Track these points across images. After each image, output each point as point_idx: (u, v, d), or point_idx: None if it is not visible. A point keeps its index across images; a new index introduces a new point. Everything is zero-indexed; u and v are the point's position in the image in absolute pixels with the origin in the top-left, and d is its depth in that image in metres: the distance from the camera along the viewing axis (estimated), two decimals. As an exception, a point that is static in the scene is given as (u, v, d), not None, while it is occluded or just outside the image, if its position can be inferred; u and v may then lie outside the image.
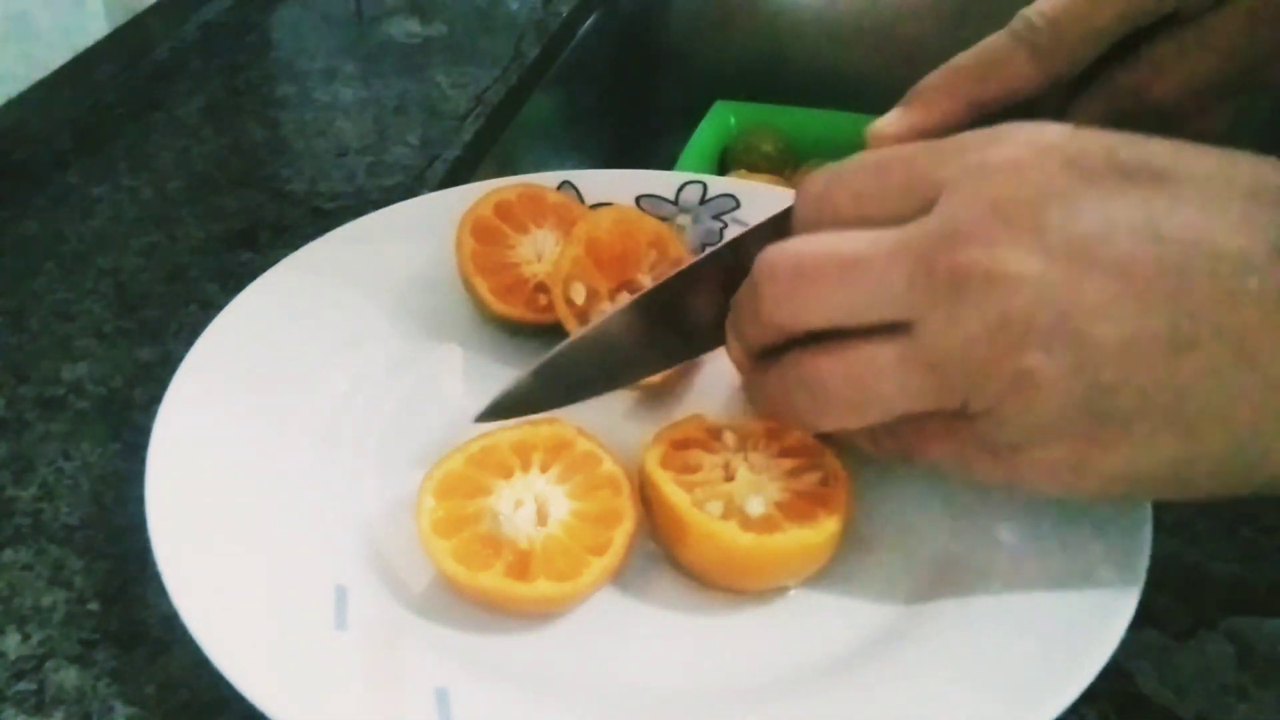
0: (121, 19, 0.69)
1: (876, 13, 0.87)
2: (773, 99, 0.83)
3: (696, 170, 0.77)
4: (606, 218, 0.47)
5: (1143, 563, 0.36)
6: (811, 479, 0.38)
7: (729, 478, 0.38)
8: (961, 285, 0.31)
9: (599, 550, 0.37)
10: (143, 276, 0.55)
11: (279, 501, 0.40)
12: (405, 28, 0.77)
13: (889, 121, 0.40)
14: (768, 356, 0.36)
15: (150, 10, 0.71)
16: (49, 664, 0.38)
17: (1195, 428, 0.31)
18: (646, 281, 0.47)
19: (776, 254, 0.34)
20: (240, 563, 0.37)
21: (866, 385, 0.33)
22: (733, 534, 0.36)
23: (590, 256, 0.46)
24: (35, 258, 0.56)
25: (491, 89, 0.71)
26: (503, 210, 0.48)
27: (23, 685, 0.37)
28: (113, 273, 0.55)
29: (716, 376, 0.45)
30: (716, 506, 0.37)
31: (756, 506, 0.37)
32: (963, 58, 0.40)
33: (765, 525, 0.36)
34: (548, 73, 0.77)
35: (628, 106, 0.91)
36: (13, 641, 0.39)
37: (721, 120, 0.82)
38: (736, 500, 0.37)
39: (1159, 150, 0.32)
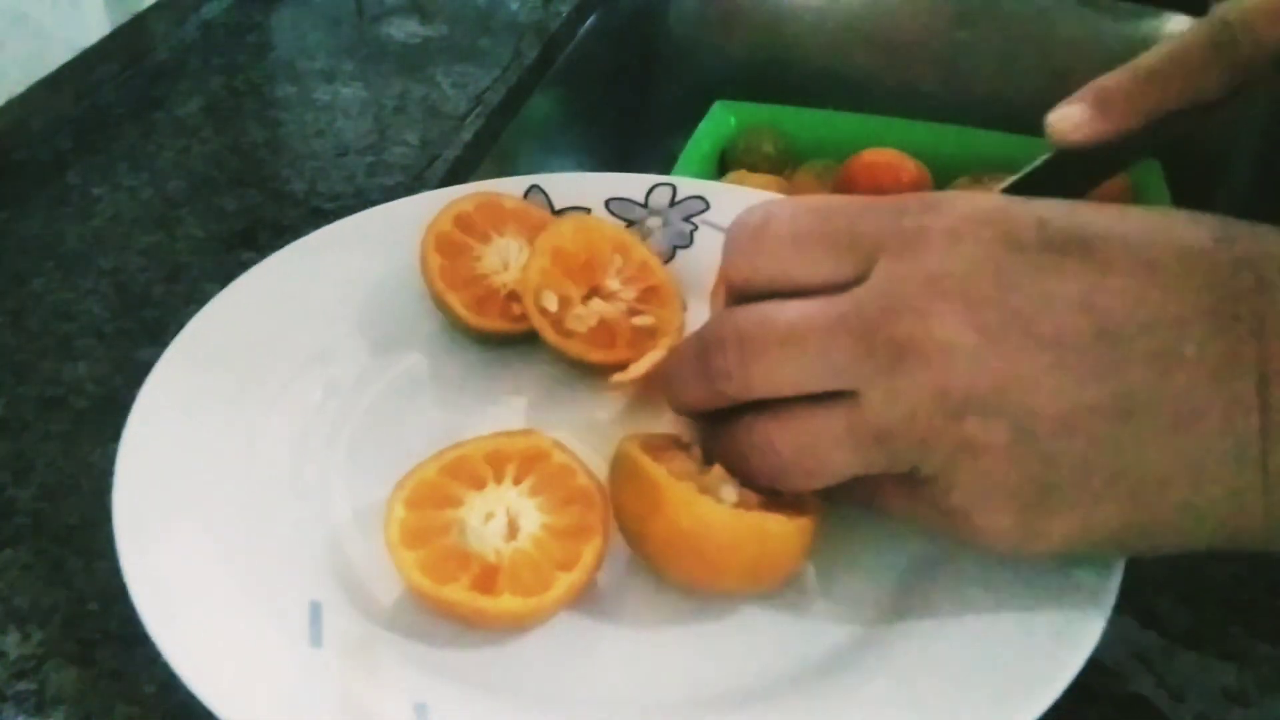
0: (121, 19, 0.69)
1: (876, 13, 0.87)
2: (773, 99, 0.83)
3: (697, 171, 0.77)
4: (567, 226, 0.47)
5: (1119, 562, 0.36)
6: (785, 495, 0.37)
7: (703, 471, 0.38)
8: (900, 357, 0.31)
9: (567, 565, 0.36)
10: (143, 276, 0.55)
11: (251, 518, 0.39)
12: (405, 28, 0.77)
13: (1075, 125, 0.39)
14: (716, 415, 0.37)
15: (150, 10, 0.71)
16: (49, 664, 0.38)
17: (1139, 494, 0.31)
18: (615, 285, 0.47)
19: (719, 327, 0.35)
20: (212, 580, 0.36)
21: (818, 454, 0.34)
22: (709, 505, 0.35)
23: (557, 265, 0.46)
24: (35, 258, 0.56)
25: (491, 89, 0.71)
26: (463, 222, 0.48)
27: (23, 685, 0.37)
28: (113, 273, 0.55)
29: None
30: (692, 486, 0.36)
31: (730, 494, 0.36)
32: (1150, 60, 0.39)
33: (741, 506, 0.36)
34: (548, 73, 0.77)
35: (628, 106, 0.91)
36: (13, 641, 0.39)
37: (721, 120, 0.82)
38: (711, 485, 0.36)
39: (1089, 219, 0.32)
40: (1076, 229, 0.31)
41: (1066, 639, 0.34)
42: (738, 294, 0.36)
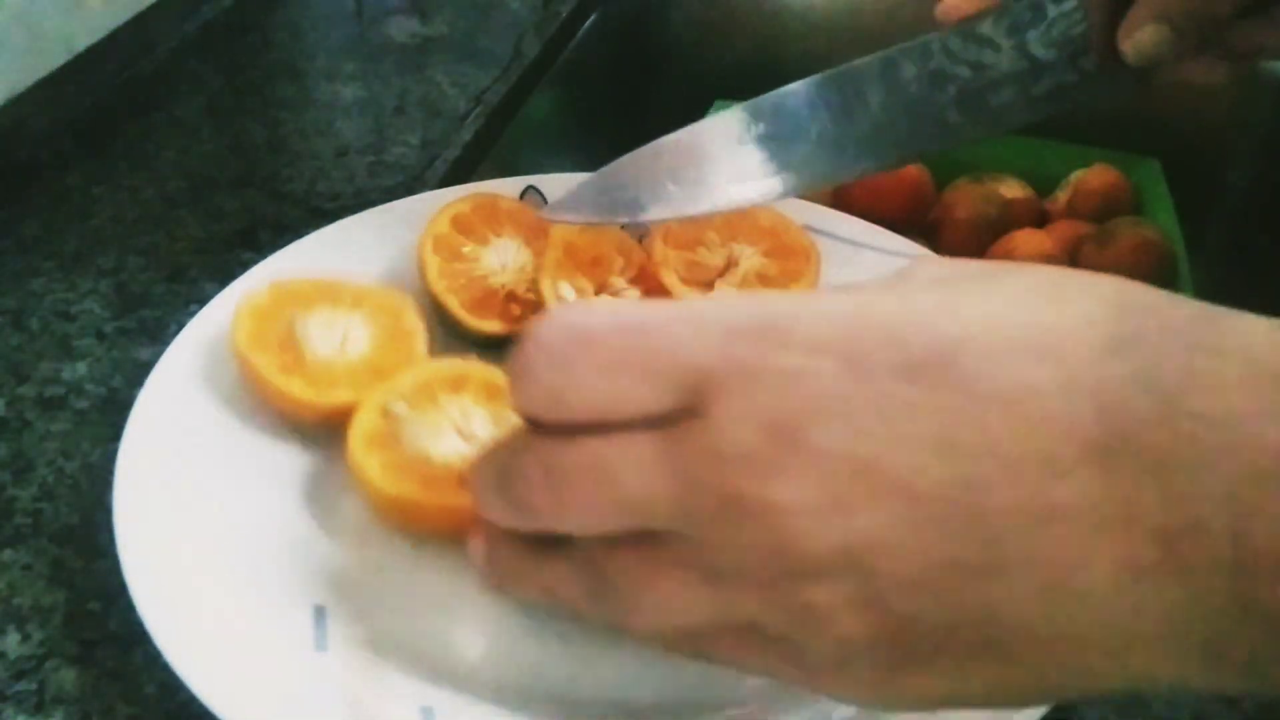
0: (121, 19, 0.69)
1: (876, 13, 0.87)
2: (772, 99, 0.83)
3: (696, 170, 0.77)
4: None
5: None
6: None
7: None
8: (733, 515, 0.27)
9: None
10: (143, 276, 0.55)
11: (252, 519, 0.39)
12: (405, 28, 0.77)
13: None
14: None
15: (150, 10, 0.71)
16: (49, 664, 0.38)
17: (1012, 654, 0.26)
18: (620, 285, 0.47)
19: (523, 453, 0.30)
20: (213, 581, 0.36)
21: (658, 592, 0.29)
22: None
23: (569, 259, 0.46)
24: (35, 258, 0.56)
25: (491, 89, 0.71)
26: (460, 223, 0.48)
27: (23, 685, 0.37)
28: (113, 273, 0.55)
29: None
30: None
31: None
32: None
33: None
34: (548, 73, 0.77)
35: (628, 106, 0.91)
36: (13, 641, 0.39)
37: (721, 120, 0.82)
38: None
39: (962, 324, 0.27)
40: (940, 343, 0.26)
41: None
42: (535, 423, 0.30)
